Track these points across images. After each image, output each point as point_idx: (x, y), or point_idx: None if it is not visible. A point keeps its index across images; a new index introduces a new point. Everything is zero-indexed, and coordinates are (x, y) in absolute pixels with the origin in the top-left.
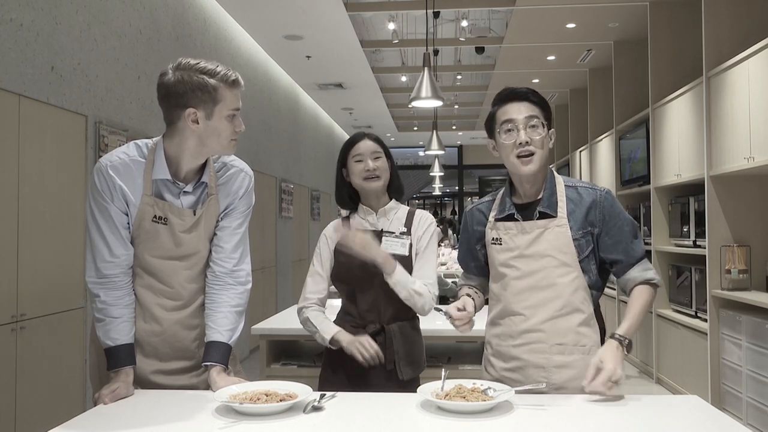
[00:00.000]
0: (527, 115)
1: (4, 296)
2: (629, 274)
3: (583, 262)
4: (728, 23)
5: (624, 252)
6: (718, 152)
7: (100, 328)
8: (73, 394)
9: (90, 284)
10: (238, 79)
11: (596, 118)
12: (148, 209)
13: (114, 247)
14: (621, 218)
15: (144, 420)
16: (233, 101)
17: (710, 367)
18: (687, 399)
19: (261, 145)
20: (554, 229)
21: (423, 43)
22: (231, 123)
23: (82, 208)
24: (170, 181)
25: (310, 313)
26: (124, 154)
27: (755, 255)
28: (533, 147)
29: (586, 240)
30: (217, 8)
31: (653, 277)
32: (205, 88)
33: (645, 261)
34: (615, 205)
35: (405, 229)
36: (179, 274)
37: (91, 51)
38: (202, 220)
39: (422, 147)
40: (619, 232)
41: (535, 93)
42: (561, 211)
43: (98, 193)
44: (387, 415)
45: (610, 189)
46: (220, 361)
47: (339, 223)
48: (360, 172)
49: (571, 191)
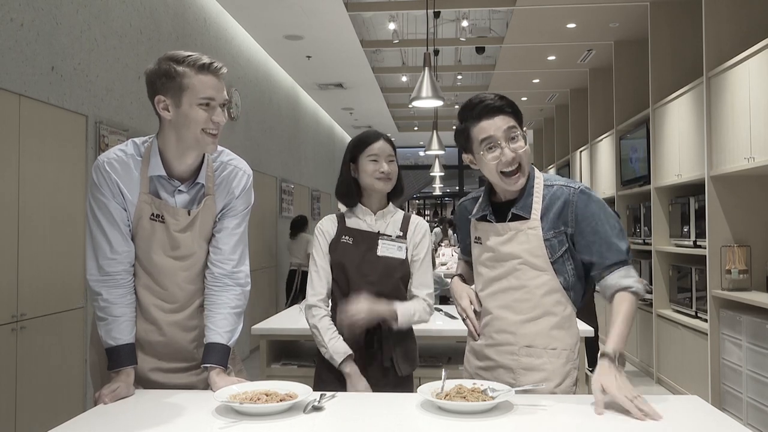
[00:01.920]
0: (506, 127)
1: (4, 296)
2: (607, 280)
3: (556, 264)
4: (728, 23)
5: (598, 254)
6: (718, 152)
7: (101, 327)
8: (73, 394)
9: (92, 282)
10: (213, 65)
11: (596, 118)
12: (146, 207)
13: (115, 243)
14: (596, 218)
15: (144, 420)
16: (203, 88)
17: (710, 367)
18: (687, 399)
19: (261, 145)
20: (526, 231)
21: (423, 43)
22: (206, 112)
23: (82, 208)
24: (165, 178)
25: (321, 324)
26: (122, 151)
27: (755, 255)
28: (517, 161)
29: (558, 240)
30: (217, 8)
31: (631, 285)
32: (170, 74)
33: (626, 266)
34: (590, 204)
35: (401, 233)
36: (177, 275)
37: (91, 51)
38: (197, 221)
39: (422, 147)
40: (593, 233)
41: (508, 101)
42: (535, 213)
43: (97, 189)
44: (387, 415)
45: (587, 186)
46: (219, 363)
47: (333, 220)
48: (373, 172)
49: (547, 190)
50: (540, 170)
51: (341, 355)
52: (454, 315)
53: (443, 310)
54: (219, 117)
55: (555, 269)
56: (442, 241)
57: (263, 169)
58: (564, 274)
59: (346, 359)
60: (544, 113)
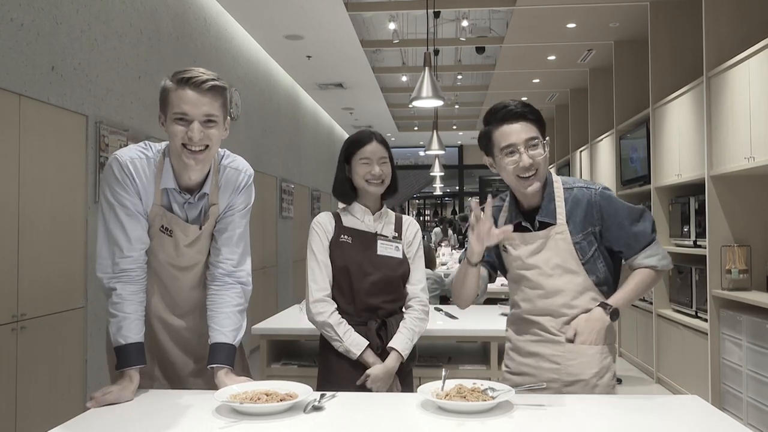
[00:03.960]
0: (527, 137)
1: (4, 296)
2: (634, 260)
3: (587, 264)
4: (728, 23)
5: (626, 246)
6: (718, 152)
7: (113, 324)
8: (73, 394)
9: (105, 279)
10: (192, 79)
11: (596, 118)
12: (157, 219)
13: (134, 237)
14: (620, 214)
15: (144, 420)
16: (178, 103)
17: (710, 367)
18: (687, 399)
19: (261, 145)
20: (555, 237)
21: (423, 43)
22: (182, 127)
23: (82, 208)
24: (176, 191)
25: (333, 319)
26: (143, 153)
27: (755, 255)
28: (535, 167)
29: (588, 241)
30: (217, 8)
31: (655, 264)
32: (163, 90)
33: (651, 246)
34: (612, 202)
35: (396, 234)
36: (181, 280)
37: (91, 51)
38: (204, 233)
39: (422, 147)
40: (619, 228)
41: (531, 109)
42: (560, 218)
43: (117, 183)
44: (387, 415)
45: (606, 185)
46: (225, 363)
47: (330, 217)
48: (365, 175)
49: (568, 193)
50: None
51: (360, 347)
52: (454, 315)
53: (443, 310)
54: (194, 133)
55: (587, 269)
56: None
57: (263, 169)
58: (596, 272)
59: (366, 350)
60: (544, 113)
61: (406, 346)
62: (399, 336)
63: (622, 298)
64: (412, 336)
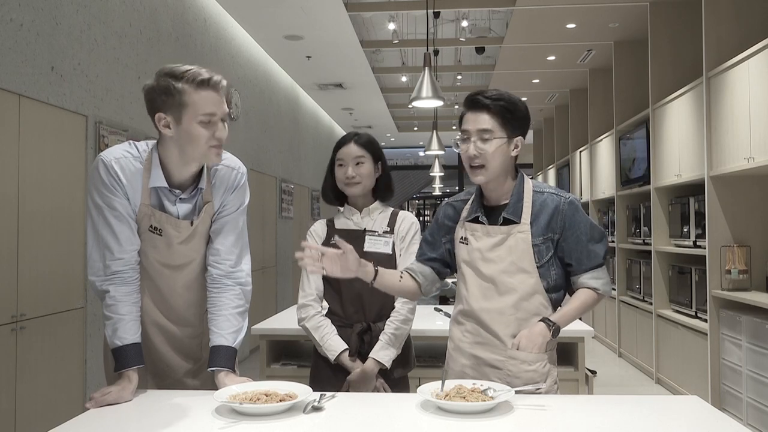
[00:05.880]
0: (480, 128)
1: (4, 296)
2: (579, 278)
3: (542, 268)
4: (728, 23)
5: (577, 260)
6: (718, 152)
7: (108, 326)
8: (73, 394)
9: (98, 282)
10: (212, 80)
11: (596, 119)
12: (145, 218)
13: (123, 239)
14: (580, 228)
15: (144, 420)
16: (204, 105)
17: (710, 367)
18: (687, 399)
19: (261, 145)
20: (516, 235)
21: (423, 43)
22: (207, 128)
23: (82, 207)
24: (167, 189)
25: (310, 323)
26: (128, 153)
27: (755, 255)
28: (481, 160)
29: (546, 246)
30: (217, 8)
31: (599, 287)
32: (170, 91)
33: (600, 269)
34: (576, 214)
35: (388, 229)
36: (174, 279)
37: (91, 51)
38: (198, 230)
39: (422, 147)
40: (576, 241)
41: (498, 102)
42: (525, 218)
43: (103, 185)
44: (387, 415)
45: (576, 197)
46: (226, 365)
47: (323, 223)
48: (339, 177)
49: (537, 196)
50: (540, 170)
51: (335, 351)
52: None
53: (443, 310)
54: (221, 132)
55: (540, 273)
56: None
57: (263, 169)
58: (548, 278)
59: (342, 354)
60: (544, 113)
61: (386, 353)
62: (378, 344)
63: (565, 316)
64: (392, 341)
